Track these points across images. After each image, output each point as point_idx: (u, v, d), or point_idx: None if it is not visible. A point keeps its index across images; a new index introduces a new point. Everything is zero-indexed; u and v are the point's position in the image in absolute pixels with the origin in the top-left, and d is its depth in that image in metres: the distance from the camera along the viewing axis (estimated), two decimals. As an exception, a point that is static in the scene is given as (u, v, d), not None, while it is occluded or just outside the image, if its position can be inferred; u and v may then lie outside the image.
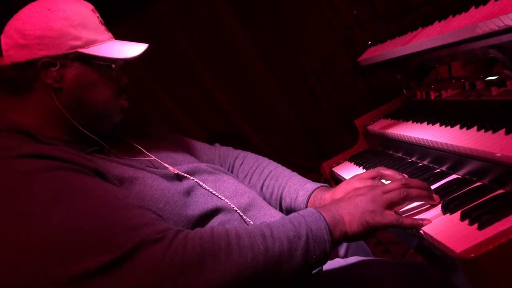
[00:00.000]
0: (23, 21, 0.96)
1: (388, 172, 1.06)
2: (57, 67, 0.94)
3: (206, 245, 0.76)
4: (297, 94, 3.74)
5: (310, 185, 1.15)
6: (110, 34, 1.05)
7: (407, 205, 0.97)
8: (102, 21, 1.04)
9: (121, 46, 1.02)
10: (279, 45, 3.65)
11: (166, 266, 0.72)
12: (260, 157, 1.34)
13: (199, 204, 0.97)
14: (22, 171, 0.78)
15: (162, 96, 3.76)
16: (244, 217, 1.01)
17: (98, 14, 1.04)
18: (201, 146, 1.32)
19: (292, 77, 3.70)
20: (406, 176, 1.08)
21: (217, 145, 1.38)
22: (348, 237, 0.88)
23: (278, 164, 1.29)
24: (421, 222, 0.87)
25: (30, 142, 0.87)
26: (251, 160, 1.31)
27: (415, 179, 0.97)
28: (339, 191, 1.06)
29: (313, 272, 0.91)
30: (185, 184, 1.00)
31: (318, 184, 1.16)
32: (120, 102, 1.05)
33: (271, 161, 1.31)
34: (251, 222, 1.01)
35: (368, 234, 0.88)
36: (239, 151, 1.38)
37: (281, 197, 1.19)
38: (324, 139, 3.76)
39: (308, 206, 1.12)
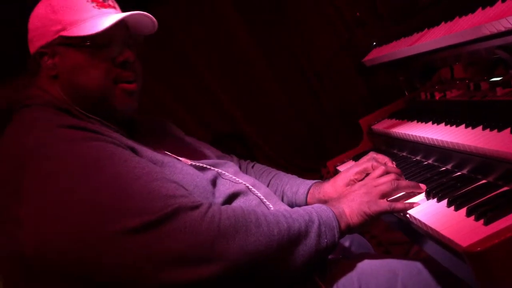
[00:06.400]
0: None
1: (379, 155, 1.17)
2: (48, 55, 0.97)
3: (239, 217, 0.82)
4: (299, 94, 3.74)
5: (309, 181, 1.28)
6: (102, 10, 0.97)
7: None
8: None
9: (99, 20, 0.95)
10: (282, 46, 3.65)
11: (203, 231, 0.76)
12: (266, 166, 1.49)
13: (221, 192, 1.01)
14: (67, 138, 0.82)
15: (165, 97, 3.76)
16: (264, 200, 1.06)
17: None
18: (217, 151, 1.35)
19: (294, 77, 3.71)
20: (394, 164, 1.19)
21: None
22: (351, 228, 0.96)
23: (282, 171, 1.42)
24: (408, 205, 0.97)
25: (68, 117, 0.91)
26: (260, 166, 1.46)
27: (404, 180, 1.06)
28: (340, 177, 1.15)
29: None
30: (209, 174, 1.04)
31: (316, 180, 1.28)
32: (120, 86, 0.99)
33: (275, 169, 1.46)
34: (271, 206, 1.06)
35: (367, 223, 0.96)
36: (248, 161, 1.51)
37: (283, 192, 1.29)
38: (325, 140, 3.77)
39: (308, 196, 1.23)
